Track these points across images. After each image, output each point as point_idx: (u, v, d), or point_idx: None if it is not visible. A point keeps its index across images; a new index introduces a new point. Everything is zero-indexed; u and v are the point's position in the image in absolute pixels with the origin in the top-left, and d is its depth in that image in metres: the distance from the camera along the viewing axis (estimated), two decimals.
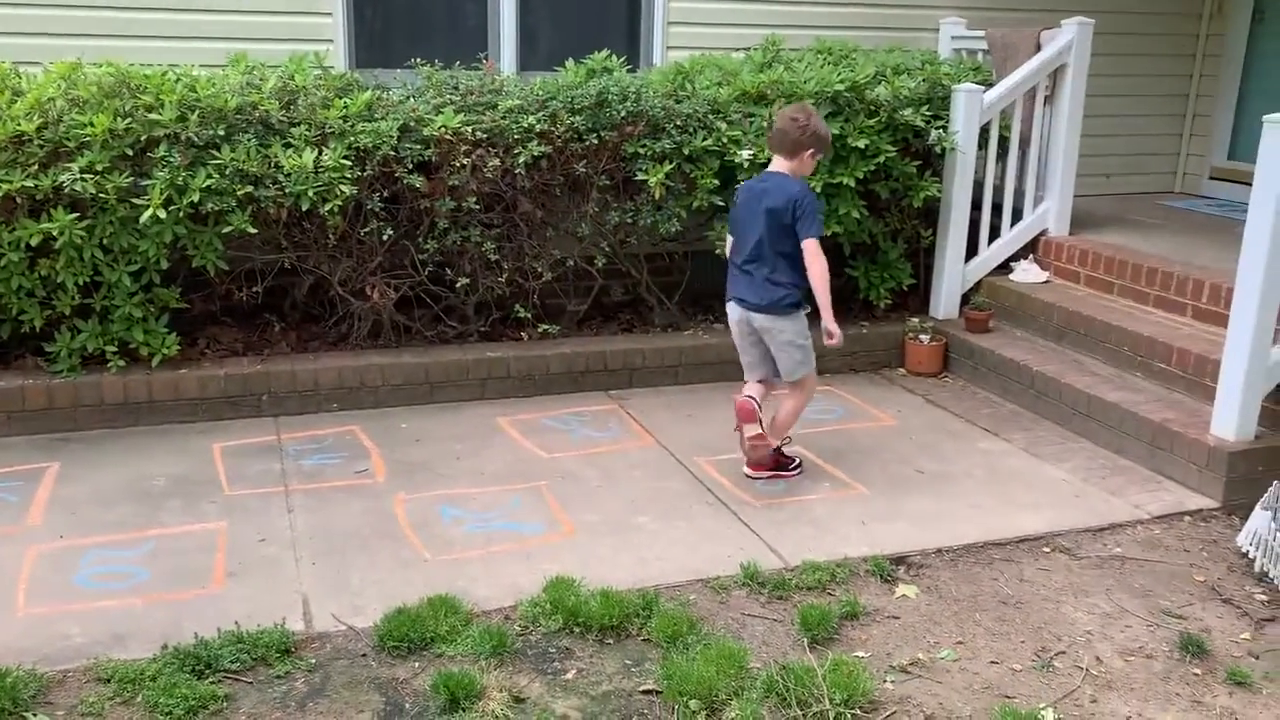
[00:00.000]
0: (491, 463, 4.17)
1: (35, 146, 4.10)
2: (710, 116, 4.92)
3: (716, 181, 4.90)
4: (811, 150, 3.87)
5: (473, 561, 3.37)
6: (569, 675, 2.80)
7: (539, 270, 4.98)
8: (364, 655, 2.85)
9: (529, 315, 5.05)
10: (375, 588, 3.18)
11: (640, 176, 4.82)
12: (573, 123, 4.71)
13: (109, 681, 2.69)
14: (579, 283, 5.24)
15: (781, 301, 3.88)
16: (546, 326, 5.09)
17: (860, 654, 2.92)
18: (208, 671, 2.73)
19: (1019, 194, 5.63)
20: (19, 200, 4.10)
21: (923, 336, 5.35)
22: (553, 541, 3.54)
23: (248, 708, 2.63)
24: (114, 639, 2.88)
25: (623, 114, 4.76)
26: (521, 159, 4.64)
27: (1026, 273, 5.59)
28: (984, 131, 5.37)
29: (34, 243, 4.13)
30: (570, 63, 5.25)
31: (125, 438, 4.31)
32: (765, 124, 4.91)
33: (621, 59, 5.24)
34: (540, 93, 4.82)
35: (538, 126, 4.67)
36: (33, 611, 3.03)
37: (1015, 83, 5.39)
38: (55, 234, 4.12)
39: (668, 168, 4.79)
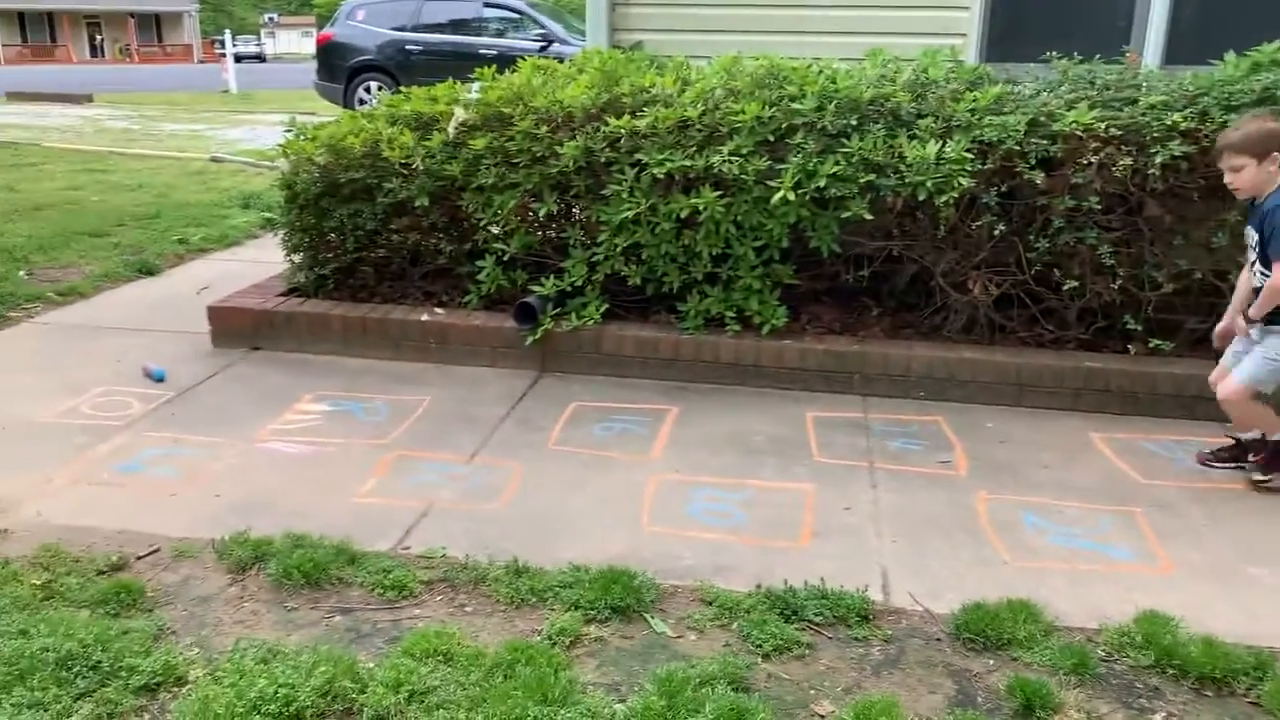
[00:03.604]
0: (1080, 478, 3.95)
1: (695, 130, 4.68)
2: None
3: None
4: None
5: (1054, 574, 3.23)
6: (1156, 717, 2.58)
7: (1158, 280, 4.58)
8: (938, 640, 2.88)
9: (1139, 328, 4.67)
10: (952, 578, 3.19)
11: None
12: (1226, 121, 4.23)
13: (711, 604, 3.02)
14: (1203, 299, 4.70)
15: None
16: (1158, 342, 4.66)
17: None
18: (794, 617, 2.95)
19: None
20: (676, 178, 4.71)
21: None
22: (1144, 573, 3.26)
23: (827, 660, 2.80)
24: (715, 569, 3.24)
25: None
26: (1158, 159, 4.28)
27: None
28: None
29: (683, 215, 4.73)
30: (1230, 55, 4.70)
31: (731, 395, 4.78)
32: None
33: None
34: (1190, 87, 4.40)
35: (1182, 124, 4.27)
36: (654, 530, 3.51)
37: None
38: (700, 209, 4.67)
39: None
